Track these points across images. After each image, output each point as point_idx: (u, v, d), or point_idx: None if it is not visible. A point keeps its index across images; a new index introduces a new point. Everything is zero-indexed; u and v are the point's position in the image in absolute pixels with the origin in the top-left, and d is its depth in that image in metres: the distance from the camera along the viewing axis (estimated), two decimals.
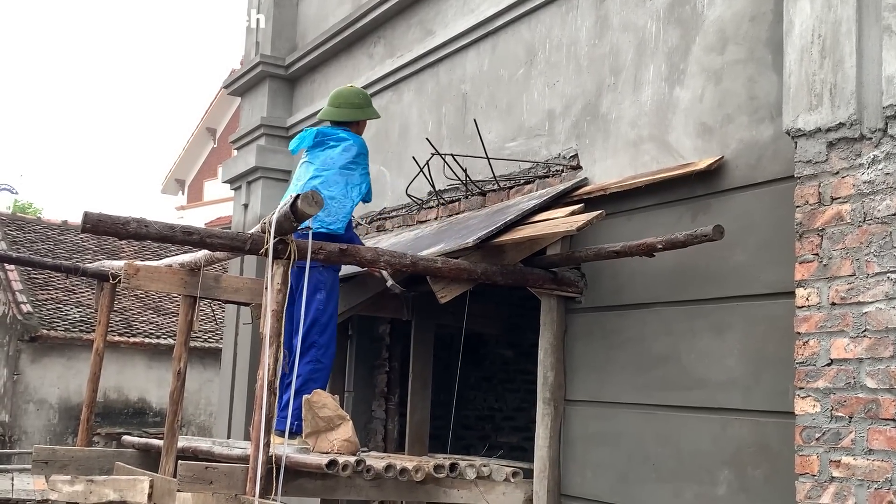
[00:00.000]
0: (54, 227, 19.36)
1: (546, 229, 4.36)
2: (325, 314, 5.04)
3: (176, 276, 5.24)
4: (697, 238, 3.69)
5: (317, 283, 4.95)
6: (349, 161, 5.11)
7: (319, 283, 4.97)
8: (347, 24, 7.06)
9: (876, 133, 3.10)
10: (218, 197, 25.76)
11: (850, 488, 3.04)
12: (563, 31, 5.00)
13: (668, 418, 4.03)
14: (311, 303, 4.95)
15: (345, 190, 5.06)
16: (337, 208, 5.00)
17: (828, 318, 3.17)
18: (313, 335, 4.98)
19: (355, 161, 5.13)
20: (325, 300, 5.03)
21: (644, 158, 4.37)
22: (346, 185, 5.07)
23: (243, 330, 7.90)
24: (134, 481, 5.06)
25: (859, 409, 3.04)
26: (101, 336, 6.00)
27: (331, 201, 4.96)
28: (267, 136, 8.05)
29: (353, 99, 5.35)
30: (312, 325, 4.99)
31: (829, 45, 3.26)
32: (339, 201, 5.03)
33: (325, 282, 5.01)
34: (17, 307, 15.96)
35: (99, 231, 3.73)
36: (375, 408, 6.68)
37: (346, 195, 5.06)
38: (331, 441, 4.61)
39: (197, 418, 17.37)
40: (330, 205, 4.93)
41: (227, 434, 7.90)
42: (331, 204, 4.95)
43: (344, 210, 5.03)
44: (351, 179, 5.09)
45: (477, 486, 4.51)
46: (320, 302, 5.01)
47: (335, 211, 4.98)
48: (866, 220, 3.10)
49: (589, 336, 4.52)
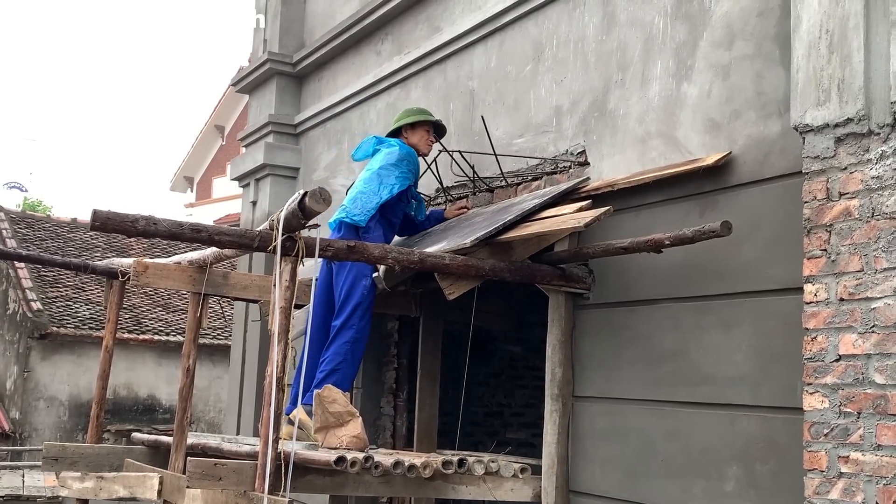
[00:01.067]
0: (64, 225, 19.44)
1: (554, 226, 4.36)
2: (368, 300, 5.22)
3: (184, 274, 5.27)
4: (705, 234, 3.69)
5: (362, 269, 5.16)
6: (389, 163, 5.28)
7: (365, 268, 5.16)
8: (355, 22, 7.06)
9: (884, 128, 3.09)
10: (227, 194, 25.81)
11: (858, 484, 3.03)
12: (571, 28, 5.00)
13: (677, 414, 4.03)
14: (357, 287, 5.18)
15: (377, 187, 5.23)
16: (364, 202, 5.21)
17: (836, 313, 3.17)
18: (354, 318, 5.16)
19: (395, 164, 5.28)
20: (370, 286, 5.20)
21: (651, 154, 4.37)
22: (379, 183, 5.24)
23: (252, 327, 7.92)
24: (143, 478, 5.08)
25: (868, 405, 3.03)
26: (110, 333, 6.02)
27: (360, 195, 5.23)
28: (275, 134, 8.06)
29: (401, 114, 5.61)
30: (356, 308, 5.17)
31: (836, 40, 3.25)
32: (367, 196, 5.22)
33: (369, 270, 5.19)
34: (27, 305, 16.03)
35: (108, 229, 3.74)
36: (384, 404, 6.69)
37: (376, 192, 5.22)
38: (339, 437, 4.62)
39: (206, 415, 17.42)
40: (359, 198, 5.22)
41: (237, 431, 7.92)
42: (359, 197, 5.22)
43: (369, 204, 5.20)
44: (386, 179, 5.25)
45: (485, 482, 4.51)
46: (365, 287, 5.19)
47: (362, 204, 5.20)
48: (874, 215, 3.09)
49: (597, 332, 4.52)
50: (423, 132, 5.50)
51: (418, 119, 5.48)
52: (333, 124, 7.50)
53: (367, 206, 5.18)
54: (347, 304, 5.17)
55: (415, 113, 5.56)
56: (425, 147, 5.54)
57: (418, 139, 5.48)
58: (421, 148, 5.50)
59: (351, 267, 5.15)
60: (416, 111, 5.60)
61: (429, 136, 5.53)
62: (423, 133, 5.50)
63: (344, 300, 5.20)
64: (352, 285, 5.18)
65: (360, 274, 5.17)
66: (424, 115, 5.54)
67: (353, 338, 5.13)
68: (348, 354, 5.11)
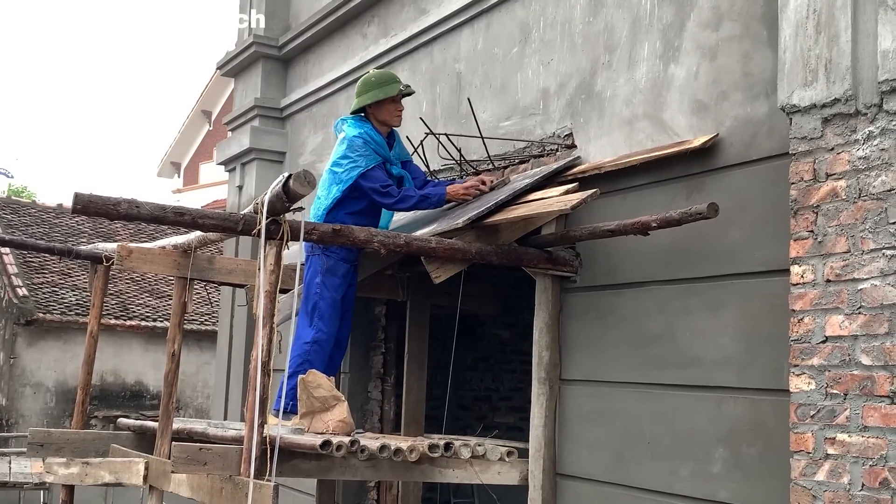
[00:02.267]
0: (49, 211, 19.33)
1: (540, 208, 4.34)
2: (327, 299, 5.09)
3: (169, 258, 5.23)
4: (692, 216, 3.67)
5: (317, 267, 5.08)
6: (338, 157, 5.10)
7: (320, 265, 5.08)
8: (340, 4, 7.01)
9: (871, 108, 3.07)
10: (214, 180, 25.68)
11: (844, 465, 3.03)
12: (558, 9, 4.97)
13: (664, 397, 4.03)
14: (311, 287, 5.08)
15: (327, 189, 5.09)
16: (315, 208, 5.12)
17: (823, 295, 3.16)
18: (314, 318, 5.07)
19: (345, 156, 5.06)
20: (322, 284, 5.09)
21: (639, 136, 4.35)
22: (330, 184, 5.09)
23: (238, 312, 7.88)
24: (129, 463, 5.07)
25: (854, 387, 3.03)
26: (95, 319, 5.99)
27: (316, 200, 5.13)
28: (261, 118, 8.01)
29: (360, 87, 5.24)
30: (314, 308, 5.08)
31: (824, 20, 3.23)
32: (320, 200, 5.11)
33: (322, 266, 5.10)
34: (12, 291, 15.95)
35: (90, 212, 3.70)
36: (371, 389, 6.67)
37: (328, 195, 5.08)
38: (325, 422, 4.61)
39: (194, 401, 17.39)
40: (314, 203, 5.12)
41: (224, 416, 7.91)
42: (315, 203, 5.13)
43: (317, 210, 5.09)
44: (335, 177, 5.08)
45: (472, 466, 4.51)
46: (318, 286, 5.09)
47: (313, 212, 5.11)
48: (861, 196, 3.08)
49: (584, 315, 4.51)
50: (388, 105, 5.19)
51: (378, 98, 5.15)
52: (320, 108, 7.45)
53: (317, 213, 5.07)
54: (307, 304, 5.10)
55: (374, 86, 5.16)
56: (395, 119, 5.25)
57: (385, 114, 5.20)
58: (391, 122, 5.24)
59: (309, 266, 5.09)
60: (374, 84, 5.17)
61: (395, 107, 5.24)
62: (388, 106, 5.20)
63: (304, 299, 5.13)
64: (307, 285, 5.10)
65: (314, 272, 5.07)
66: (384, 89, 5.16)
67: (314, 338, 5.04)
68: (309, 355, 5.02)
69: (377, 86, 5.18)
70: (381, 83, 5.20)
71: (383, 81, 5.22)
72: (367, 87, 5.20)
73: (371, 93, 5.17)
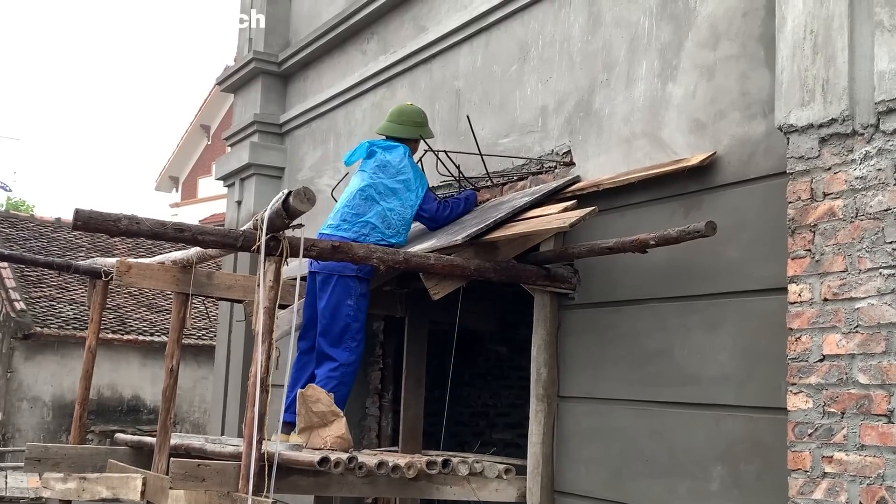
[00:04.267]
0: (47, 225, 19.30)
1: (539, 225, 4.36)
2: (359, 321, 5.10)
3: (168, 274, 5.24)
4: (690, 234, 3.69)
5: (346, 290, 5.04)
6: (402, 166, 5.15)
7: (350, 289, 5.04)
8: (340, 21, 7.05)
9: (868, 129, 3.10)
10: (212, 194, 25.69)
11: (842, 484, 3.04)
12: (556, 28, 5.00)
13: (662, 414, 4.03)
14: (342, 309, 5.02)
15: (402, 198, 5.10)
16: (396, 220, 5.08)
17: (820, 313, 3.17)
18: (346, 340, 5.04)
19: (409, 166, 5.16)
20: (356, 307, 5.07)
21: (637, 154, 4.37)
22: (405, 192, 5.10)
23: (237, 327, 7.88)
24: (126, 479, 5.05)
25: (851, 405, 3.04)
26: (93, 333, 5.99)
27: (390, 213, 5.07)
28: (260, 133, 8.03)
29: (414, 117, 5.37)
30: (345, 329, 5.04)
31: (821, 40, 3.26)
32: (398, 213, 5.09)
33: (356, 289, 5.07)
34: (10, 305, 15.92)
35: (90, 228, 3.71)
36: (369, 404, 6.67)
37: (405, 204, 5.10)
38: (324, 438, 4.61)
39: (191, 416, 17.35)
40: (389, 216, 5.06)
41: (221, 431, 7.89)
42: (389, 215, 5.06)
43: (403, 221, 5.11)
44: (408, 184, 5.12)
45: (469, 483, 4.50)
46: (351, 308, 5.06)
47: (395, 222, 5.08)
48: (858, 215, 3.09)
49: (582, 332, 4.51)
50: (416, 144, 5.43)
51: (426, 136, 5.38)
52: (319, 124, 7.47)
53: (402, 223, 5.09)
54: (333, 327, 5.03)
55: (421, 124, 5.39)
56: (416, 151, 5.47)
57: (412, 147, 5.40)
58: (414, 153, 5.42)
59: (334, 288, 5.03)
60: (421, 121, 5.40)
61: (417, 144, 5.46)
62: (416, 145, 5.44)
63: (329, 322, 5.05)
64: (335, 307, 5.03)
65: (346, 295, 5.04)
66: (427, 130, 5.43)
67: (348, 360, 5.03)
68: (344, 377, 5.02)
69: (424, 125, 5.41)
70: (426, 123, 5.44)
71: (426, 123, 5.45)
72: (419, 123, 5.37)
73: (424, 129, 5.38)
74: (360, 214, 5.09)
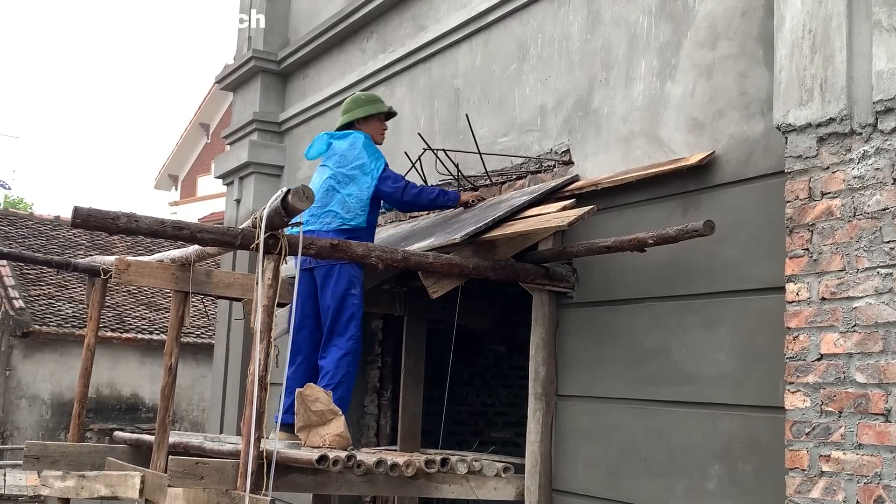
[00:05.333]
0: (46, 223, 19.29)
1: (537, 224, 4.36)
2: (361, 309, 5.13)
3: (167, 272, 5.24)
4: (688, 233, 3.70)
5: (351, 279, 5.05)
6: (357, 152, 5.14)
7: (354, 277, 5.07)
8: (340, 20, 7.05)
9: (866, 128, 3.10)
10: (211, 192, 25.70)
11: (839, 483, 3.04)
12: (555, 27, 5.00)
13: (659, 413, 4.04)
14: (349, 298, 5.05)
15: (359, 183, 5.09)
16: (354, 203, 5.07)
17: (818, 312, 3.18)
18: (352, 329, 5.06)
19: (363, 151, 5.14)
20: (360, 296, 5.11)
21: (635, 154, 4.37)
22: (361, 177, 5.10)
23: (235, 325, 7.89)
24: (125, 477, 5.06)
25: (849, 404, 3.04)
26: (92, 331, 5.99)
27: (348, 198, 5.08)
28: (259, 132, 8.03)
29: (359, 101, 5.41)
30: (350, 319, 5.05)
31: (819, 40, 3.26)
32: (355, 196, 5.09)
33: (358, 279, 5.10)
34: (9, 303, 15.92)
35: (89, 226, 3.71)
36: (368, 403, 6.68)
37: (361, 187, 5.09)
38: (322, 436, 4.61)
39: (190, 414, 17.35)
40: (347, 201, 5.06)
41: (220, 429, 7.89)
42: (348, 200, 5.07)
43: (361, 203, 5.07)
44: (363, 168, 5.11)
45: (468, 482, 4.51)
46: (357, 297, 5.08)
47: (353, 206, 5.07)
48: (856, 215, 3.10)
49: (580, 331, 4.52)
50: (375, 123, 5.39)
51: (370, 112, 5.33)
52: (318, 122, 7.47)
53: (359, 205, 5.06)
54: (341, 316, 5.04)
55: (364, 103, 5.37)
56: (380, 137, 5.42)
57: (372, 130, 5.35)
58: (376, 139, 5.36)
59: (339, 277, 5.04)
60: (364, 101, 5.39)
61: (381, 125, 5.44)
62: (375, 123, 5.38)
63: (336, 312, 5.04)
64: (342, 296, 5.04)
65: (350, 283, 5.06)
66: (376, 105, 5.38)
67: (353, 349, 5.04)
68: (351, 366, 5.03)
69: (368, 102, 5.39)
70: (370, 101, 5.42)
71: (373, 100, 5.44)
72: (358, 104, 5.37)
73: (363, 108, 5.34)
74: (324, 206, 5.11)
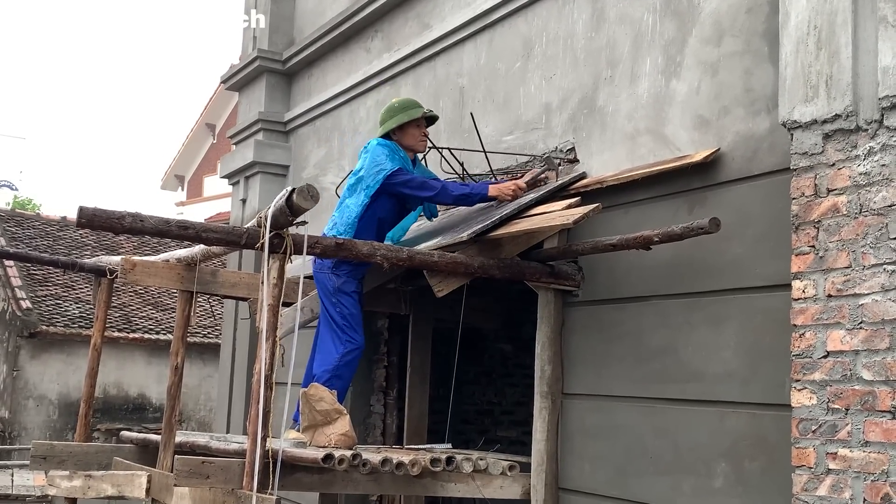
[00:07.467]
0: (53, 223, 19.32)
1: (543, 223, 4.35)
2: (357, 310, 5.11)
3: (173, 272, 5.25)
4: (694, 231, 3.69)
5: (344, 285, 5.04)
6: (363, 166, 5.06)
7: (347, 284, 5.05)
8: (344, 19, 7.05)
9: (872, 124, 3.09)
10: (218, 192, 25.72)
11: (846, 480, 3.03)
12: (560, 24, 4.99)
13: (666, 411, 4.03)
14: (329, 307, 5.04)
15: (357, 196, 5.03)
16: (347, 215, 5.01)
17: (824, 310, 3.17)
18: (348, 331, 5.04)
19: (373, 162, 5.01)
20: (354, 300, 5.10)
21: (641, 151, 4.36)
22: (356, 192, 5.04)
23: (241, 325, 7.89)
24: (132, 476, 5.06)
25: (856, 401, 3.03)
26: (98, 331, 6.00)
27: (346, 209, 5.05)
28: (265, 131, 8.04)
29: (384, 115, 5.20)
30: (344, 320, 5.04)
31: (824, 36, 3.25)
32: (351, 208, 5.02)
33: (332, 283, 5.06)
34: (16, 303, 15.95)
35: (94, 226, 3.71)
36: (374, 402, 6.68)
37: (356, 201, 5.01)
38: (328, 435, 4.61)
39: (197, 413, 17.37)
40: (345, 212, 5.03)
41: (227, 429, 7.90)
42: (345, 212, 5.03)
43: (349, 218, 4.99)
44: (362, 182, 5.02)
45: (474, 480, 4.51)
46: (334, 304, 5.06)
47: (342, 220, 5.02)
48: (862, 211, 3.09)
49: (586, 329, 4.51)
50: (412, 130, 5.14)
51: (402, 122, 5.10)
52: (323, 122, 7.48)
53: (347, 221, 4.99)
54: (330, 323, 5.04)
55: (397, 111, 5.12)
56: (420, 144, 5.22)
57: (410, 139, 5.15)
58: (415, 147, 5.20)
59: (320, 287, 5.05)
60: (398, 108, 5.14)
61: (420, 132, 5.19)
62: (412, 131, 5.14)
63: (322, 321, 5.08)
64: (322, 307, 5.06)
65: (321, 293, 5.06)
66: (408, 112, 5.11)
67: (342, 351, 5.01)
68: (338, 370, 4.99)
69: (401, 110, 5.13)
70: (404, 108, 5.15)
71: (407, 106, 5.17)
72: (392, 113, 5.15)
73: (396, 117, 5.11)
74: (337, 208, 5.16)
